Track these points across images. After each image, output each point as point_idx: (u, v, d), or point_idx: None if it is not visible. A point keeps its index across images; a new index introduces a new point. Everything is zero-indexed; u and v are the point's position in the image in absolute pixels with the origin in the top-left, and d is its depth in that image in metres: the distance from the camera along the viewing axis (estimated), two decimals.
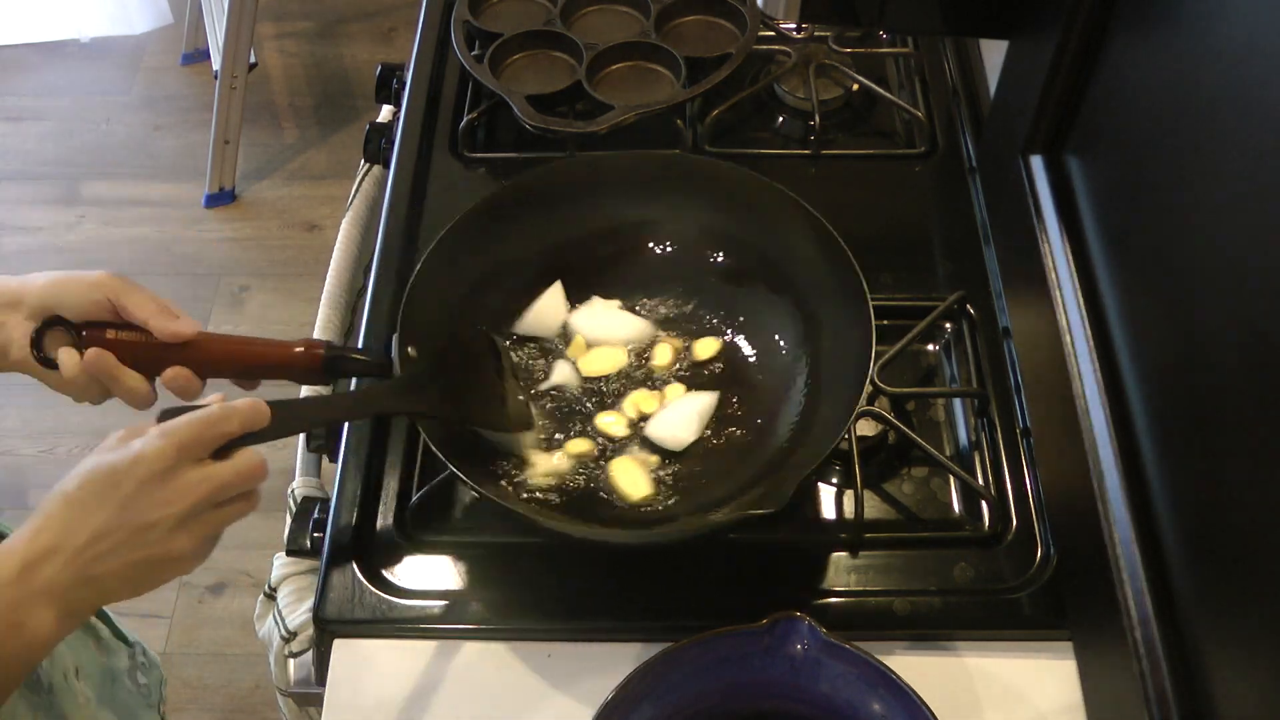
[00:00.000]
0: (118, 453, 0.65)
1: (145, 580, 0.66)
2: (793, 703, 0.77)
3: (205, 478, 0.66)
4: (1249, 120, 0.62)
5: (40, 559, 0.62)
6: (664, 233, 1.01)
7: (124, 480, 0.64)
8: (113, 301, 0.76)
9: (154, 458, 0.64)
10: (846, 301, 0.90)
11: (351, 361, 0.84)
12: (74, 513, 0.63)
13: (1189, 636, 0.67)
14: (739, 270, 0.99)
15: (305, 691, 0.96)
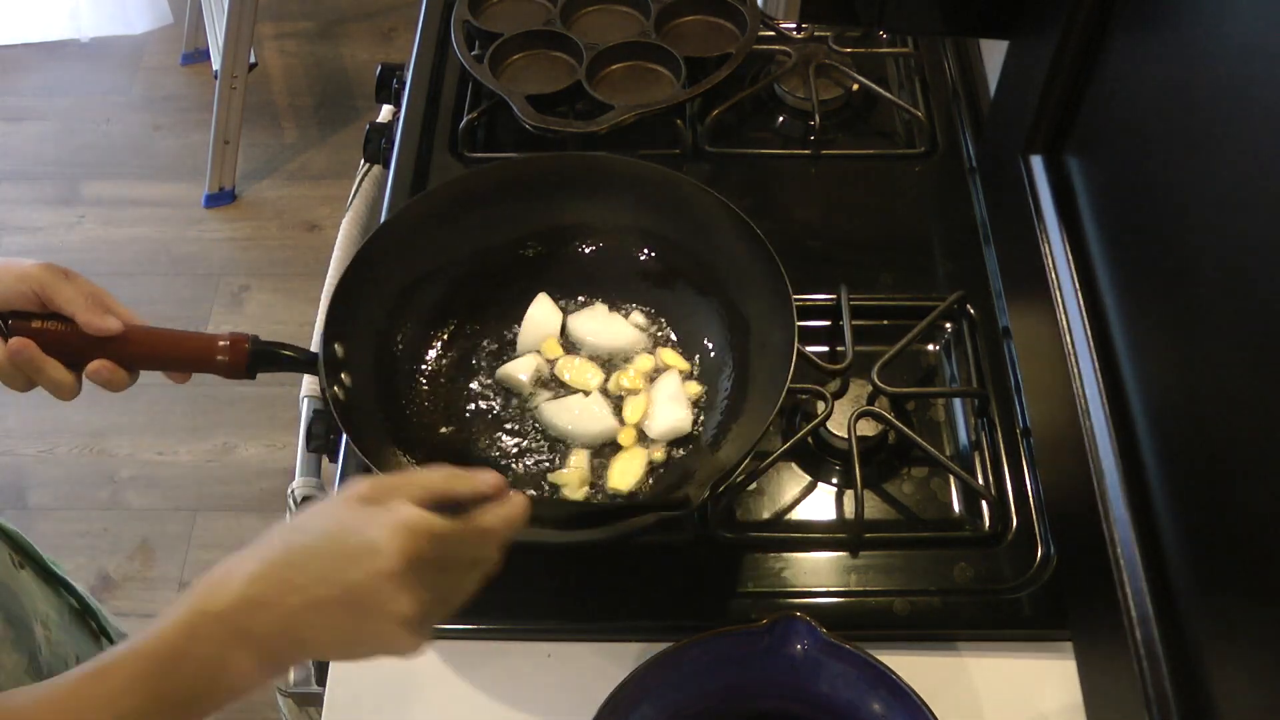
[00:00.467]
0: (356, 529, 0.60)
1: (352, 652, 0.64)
2: (793, 703, 0.77)
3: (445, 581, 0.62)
4: (1249, 120, 0.62)
5: (255, 606, 0.59)
6: (593, 234, 1.01)
7: (355, 567, 0.59)
8: (38, 293, 0.76)
9: (393, 555, 0.59)
10: (771, 301, 0.90)
11: (278, 357, 0.84)
12: (295, 575, 0.60)
13: (1189, 636, 0.67)
14: (667, 270, 0.99)
15: (305, 691, 0.96)
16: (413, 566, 0.60)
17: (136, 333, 0.79)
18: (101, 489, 1.99)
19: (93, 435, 2.06)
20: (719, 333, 0.96)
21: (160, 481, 2.00)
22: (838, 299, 1.00)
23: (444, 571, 0.62)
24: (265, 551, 0.61)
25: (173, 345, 0.81)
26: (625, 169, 0.99)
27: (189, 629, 0.59)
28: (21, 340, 0.76)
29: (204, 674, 0.59)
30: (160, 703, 0.59)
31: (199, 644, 0.59)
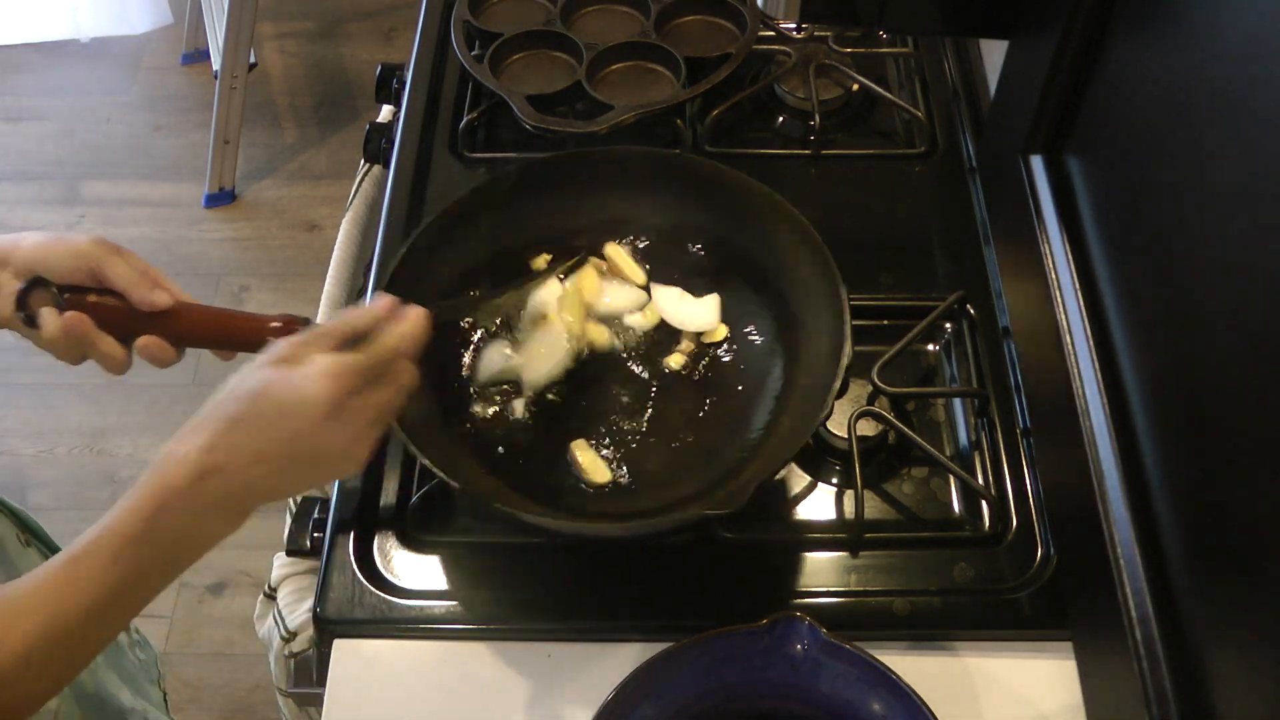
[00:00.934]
0: (286, 385, 0.68)
1: (312, 483, 0.75)
2: (793, 703, 0.77)
3: (370, 404, 0.70)
4: (1249, 120, 0.62)
5: (207, 474, 0.66)
6: (642, 229, 1.01)
7: (290, 418, 0.67)
8: (93, 269, 0.77)
9: (324, 403, 0.68)
10: (824, 304, 0.89)
11: None
12: (238, 439, 0.67)
13: (1189, 636, 0.67)
14: (717, 266, 0.99)
15: (305, 691, 0.96)
16: (341, 403, 0.68)
17: (188, 310, 0.80)
18: (101, 489, 1.99)
19: (93, 435, 2.05)
20: (769, 331, 0.95)
21: None
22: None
23: (370, 395, 0.70)
24: (208, 424, 0.68)
25: (224, 324, 0.82)
26: (676, 164, 1.00)
27: (156, 505, 0.66)
28: (76, 314, 0.77)
29: (179, 540, 0.67)
30: (141, 571, 0.67)
31: (170, 516, 0.66)
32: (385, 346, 0.73)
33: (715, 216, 0.99)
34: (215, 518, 0.68)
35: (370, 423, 0.71)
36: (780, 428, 0.89)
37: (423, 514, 0.92)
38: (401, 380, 0.74)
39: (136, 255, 0.79)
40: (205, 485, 0.67)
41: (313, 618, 0.87)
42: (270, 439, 0.67)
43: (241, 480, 0.67)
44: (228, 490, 0.67)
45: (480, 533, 0.92)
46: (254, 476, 0.68)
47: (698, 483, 0.88)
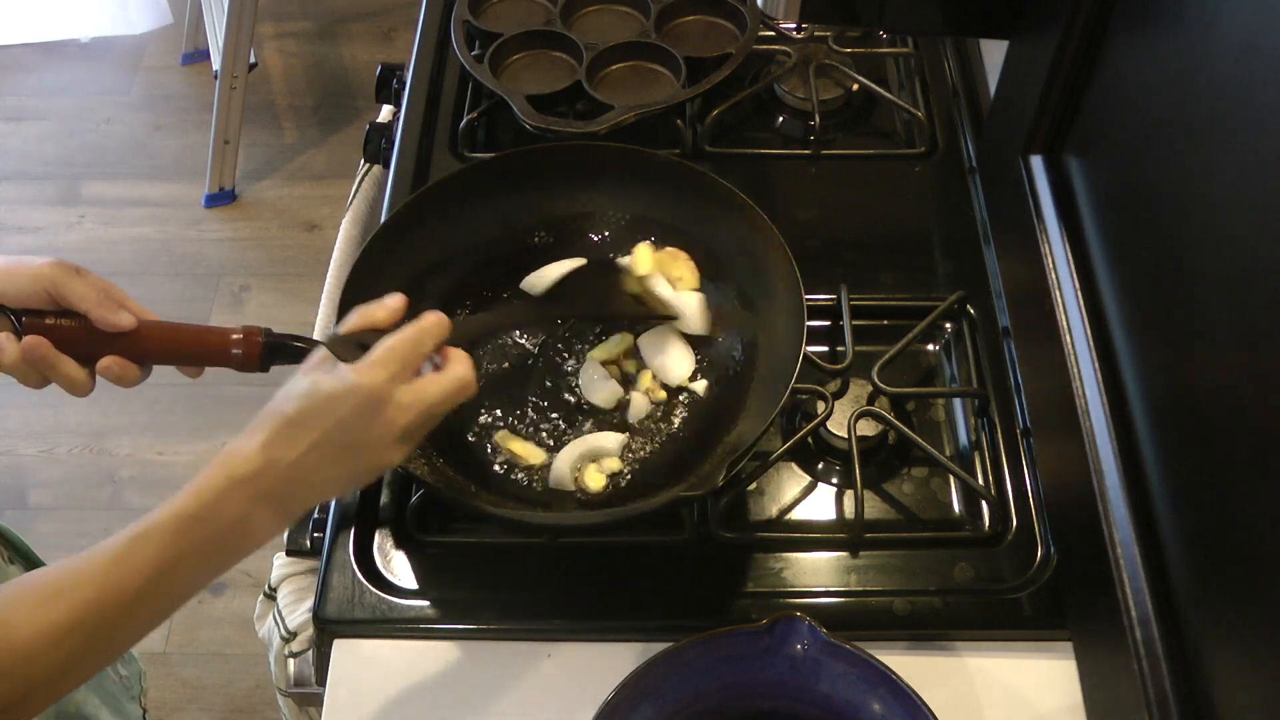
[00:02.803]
0: (333, 378, 0.70)
1: (357, 480, 0.76)
2: (793, 703, 0.77)
3: (417, 398, 0.72)
4: (1249, 120, 0.62)
5: (266, 468, 0.69)
6: (600, 223, 1.03)
7: (339, 405, 0.70)
8: (50, 292, 0.76)
9: (369, 388, 0.70)
10: (782, 290, 0.92)
11: (291, 349, 0.85)
12: (294, 431, 0.70)
13: (1189, 636, 0.67)
14: None
15: (305, 691, 0.96)
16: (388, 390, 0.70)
17: (149, 328, 0.79)
18: (101, 489, 1.99)
19: (93, 435, 2.05)
20: (731, 315, 0.97)
21: (160, 481, 2.00)
22: (838, 299, 1.00)
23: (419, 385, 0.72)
24: (267, 421, 0.70)
25: (185, 340, 0.82)
26: (633, 159, 1.01)
27: (218, 493, 0.68)
28: (35, 338, 0.76)
29: (233, 529, 0.69)
30: (195, 555, 0.69)
31: (227, 504, 0.68)
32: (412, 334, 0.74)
33: (670, 209, 1.01)
34: (270, 511, 0.70)
35: (419, 415, 0.72)
36: (747, 410, 0.92)
37: (422, 514, 0.92)
38: (455, 371, 0.74)
39: (96, 275, 0.78)
40: (264, 478, 0.69)
41: (313, 618, 0.87)
42: (323, 430, 0.70)
43: (298, 474, 0.70)
44: (285, 482, 0.70)
45: (480, 533, 0.92)
46: (308, 468, 0.70)
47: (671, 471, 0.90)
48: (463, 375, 0.75)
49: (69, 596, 0.65)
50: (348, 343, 0.74)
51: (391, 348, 0.72)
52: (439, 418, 0.75)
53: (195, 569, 0.70)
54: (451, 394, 0.74)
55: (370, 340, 0.74)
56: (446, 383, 0.74)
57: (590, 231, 1.03)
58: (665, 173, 1.01)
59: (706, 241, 0.99)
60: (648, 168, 1.01)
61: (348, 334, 0.75)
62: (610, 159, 1.02)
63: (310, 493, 0.72)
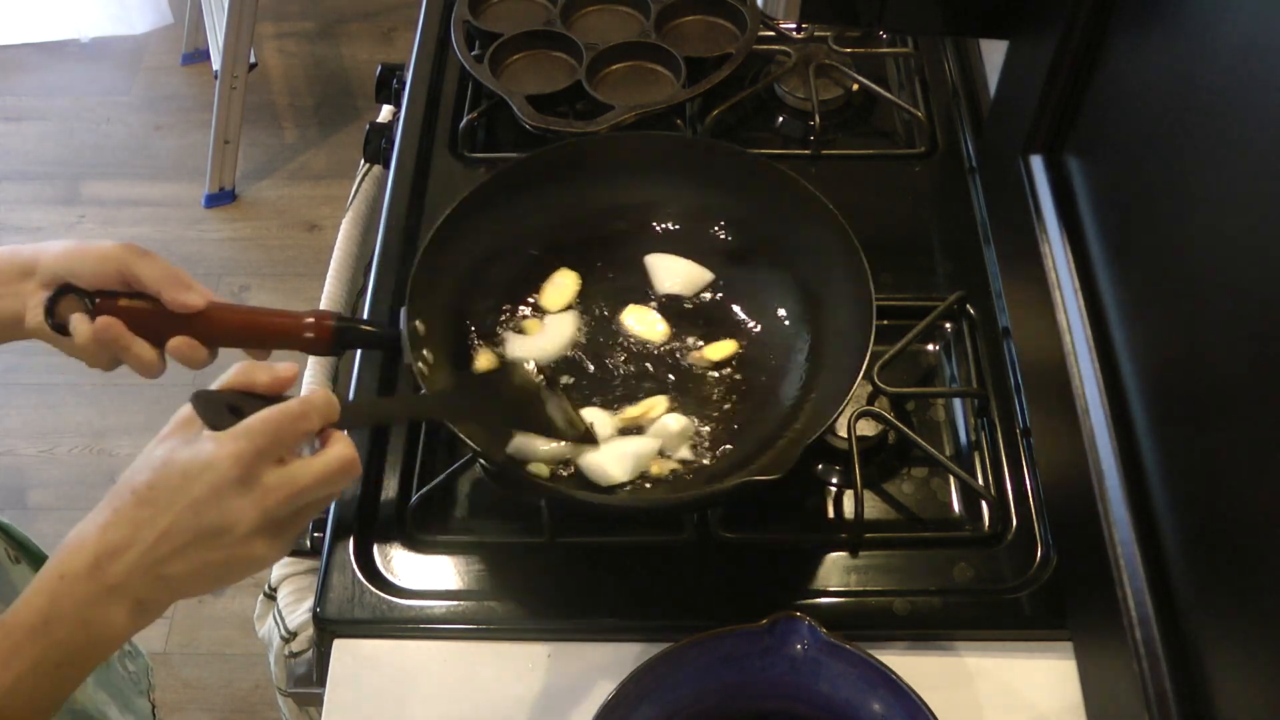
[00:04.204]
0: (190, 450, 0.62)
1: (220, 579, 0.64)
2: (793, 703, 0.77)
3: (287, 481, 0.63)
4: (1249, 120, 0.62)
5: (110, 556, 0.61)
6: (668, 212, 1.03)
7: (195, 483, 0.61)
8: (122, 273, 0.77)
9: (229, 463, 0.61)
10: (848, 277, 0.91)
11: (361, 333, 0.85)
12: (144, 512, 0.62)
13: (1189, 636, 0.67)
14: (742, 247, 1.01)
15: (305, 691, 0.96)
16: (251, 470, 0.61)
17: (219, 310, 0.80)
18: (101, 489, 1.98)
19: (93, 435, 2.05)
20: (793, 307, 0.97)
21: None
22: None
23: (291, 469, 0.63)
24: (113, 500, 0.63)
25: (256, 322, 0.82)
26: (701, 149, 1.02)
27: (51, 594, 0.61)
28: (108, 319, 0.77)
29: (78, 632, 0.61)
30: (42, 667, 0.61)
31: (66, 606, 0.61)
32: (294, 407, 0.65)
33: (737, 199, 1.00)
34: (119, 607, 0.62)
35: (288, 499, 0.63)
36: (812, 398, 0.91)
37: (423, 514, 0.92)
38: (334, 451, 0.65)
39: (163, 259, 0.79)
40: (107, 568, 0.61)
41: (313, 618, 0.87)
42: (175, 510, 0.61)
43: (146, 561, 0.61)
44: (129, 572, 0.61)
45: (480, 533, 0.92)
46: (160, 556, 0.62)
47: (735, 457, 0.89)
48: (342, 456, 0.65)
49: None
50: (215, 403, 0.65)
51: (265, 418, 0.63)
52: (316, 508, 0.66)
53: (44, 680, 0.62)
54: (328, 478, 0.65)
55: (241, 404, 0.65)
56: (321, 465, 0.64)
57: (655, 221, 1.03)
58: (732, 163, 1.00)
59: (773, 234, 0.99)
60: (714, 157, 1.01)
61: (216, 391, 0.67)
62: (681, 150, 1.02)
63: (169, 587, 0.63)
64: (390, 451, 0.95)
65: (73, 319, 0.77)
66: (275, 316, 0.82)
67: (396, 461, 0.95)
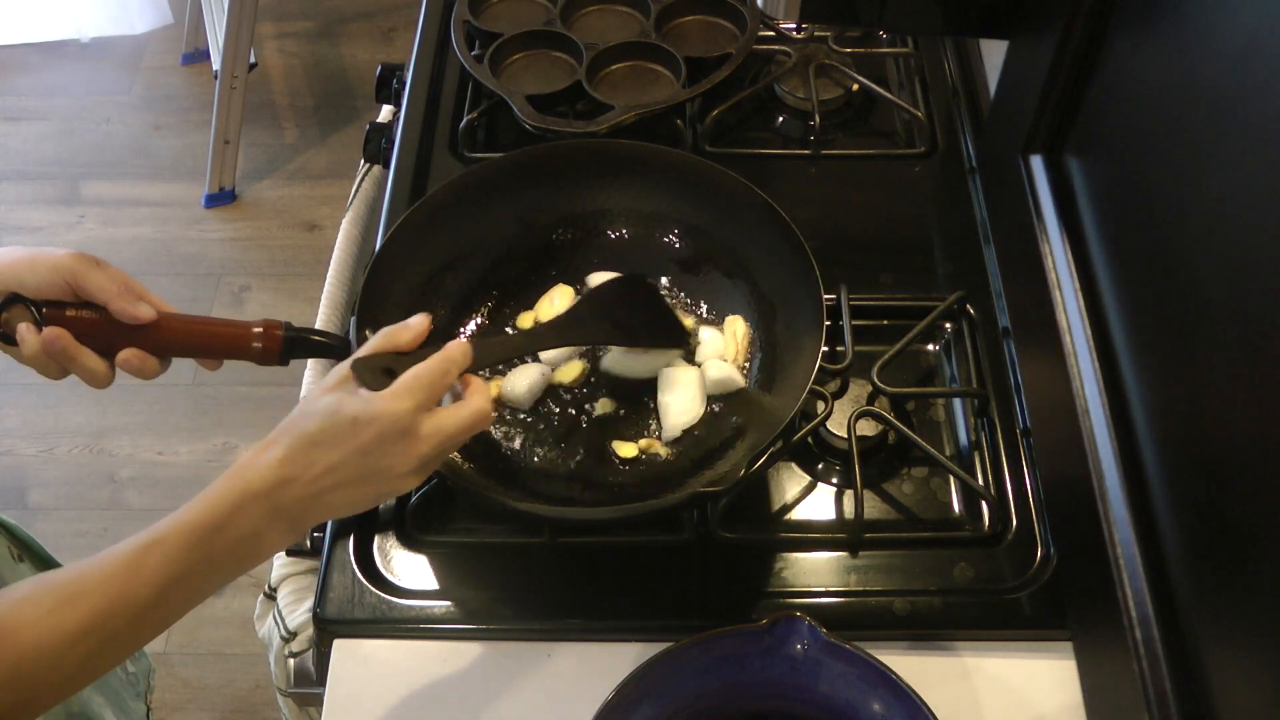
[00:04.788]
0: (358, 402, 0.70)
1: (368, 503, 0.74)
2: (793, 703, 0.77)
3: (437, 429, 0.72)
4: (1249, 120, 0.62)
5: (283, 484, 0.69)
6: (620, 219, 1.03)
7: (363, 431, 0.70)
8: (71, 284, 0.77)
9: (394, 417, 0.70)
10: (799, 286, 0.92)
11: (310, 343, 0.85)
12: (315, 452, 0.70)
13: (1189, 636, 0.67)
14: (694, 255, 1.01)
15: (305, 691, 0.96)
16: (412, 421, 0.71)
17: (169, 320, 0.80)
18: (101, 489, 1.99)
19: (93, 435, 2.05)
20: (747, 313, 0.97)
21: (160, 481, 2.00)
22: (838, 299, 1.00)
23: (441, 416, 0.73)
24: (286, 436, 0.71)
25: (205, 333, 0.82)
26: (654, 156, 1.01)
27: (233, 505, 0.69)
28: (55, 330, 0.77)
29: (244, 541, 0.70)
30: (203, 567, 0.69)
31: (242, 516, 0.69)
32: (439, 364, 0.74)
33: (691, 206, 1.01)
34: (283, 526, 0.71)
35: (438, 445, 0.72)
36: (764, 409, 0.91)
37: (423, 514, 0.92)
38: (474, 404, 0.74)
39: (115, 268, 0.78)
40: (280, 493, 0.69)
41: (313, 618, 0.87)
42: (343, 453, 0.70)
43: (312, 491, 0.70)
44: (299, 499, 0.70)
45: (480, 533, 0.92)
46: (324, 488, 0.70)
47: (687, 468, 0.90)
48: (481, 407, 0.75)
49: (79, 604, 0.65)
50: (371, 366, 0.74)
51: (418, 376, 0.72)
52: (456, 448, 0.75)
53: (205, 579, 0.70)
54: (470, 426, 0.74)
55: (394, 364, 0.74)
56: (466, 415, 0.74)
57: (609, 228, 1.03)
58: (686, 170, 1.00)
59: (725, 239, 0.99)
60: (668, 165, 1.01)
61: (371, 355, 0.75)
62: (631, 156, 1.02)
63: (323, 511, 0.72)
64: None
65: (19, 329, 0.76)
66: (224, 327, 0.82)
67: None
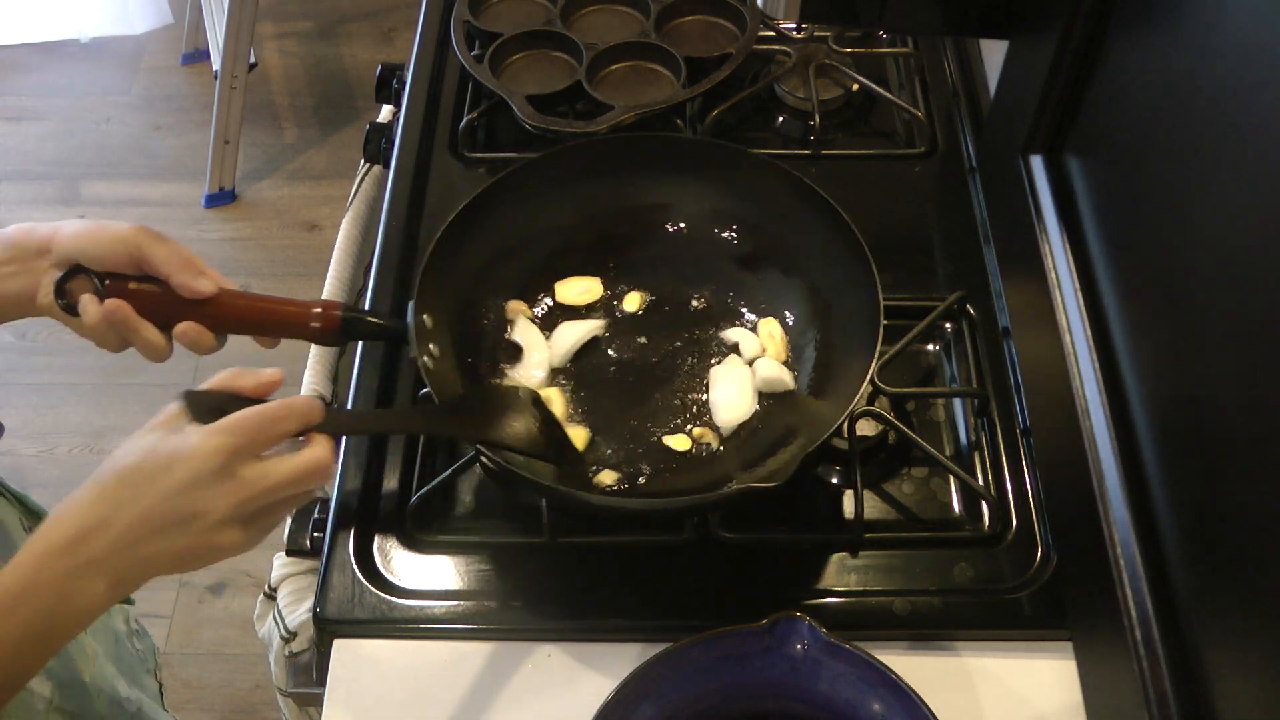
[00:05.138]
0: (175, 439, 0.66)
1: (192, 562, 0.68)
2: (793, 703, 0.77)
3: (261, 476, 0.67)
4: (1249, 120, 0.62)
5: (91, 531, 0.64)
6: (679, 214, 1.03)
7: (176, 470, 0.65)
8: (134, 256, 0.77)
9: (209, 454, 0.65)
10: (855, 283, 0.91)
11: (368, 325, 0.86)
12: (125, 492, 0.65)
13: (1189, 636, 0.67)
14: (752, 252, 1.01)
15: (305, 691, 0.96)
16: (229, 463, 0.65)
17: (229, 296, 0.80)
18: None
19: (93, 435, 2.05)
20: (802, 312, 0.97)
21: None
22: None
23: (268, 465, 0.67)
24: (98, 480, 0.66)
25: (264, 310, 0.83)
26: (713, 152, 1.02)
27: (33, 567, 0.64)
28: (117, 301, 0.77)
29: (58, 602, 0.64)
30: (22, 633, 0.64)
31: (43, 578, 0.64)
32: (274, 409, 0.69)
33: (748, 202, 1.00)
34: (95, 582, 0.65)
35: (260, 493, 0.67)
36: (818, 405, 0.91)
37: (423, 514, 0.92)
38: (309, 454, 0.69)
39: (178, 242, 0.79)
40: (86, 544, 0.64)
41: (313, 618, 0.87)
42: (154, 494, 0.65)
43: (125, 540, 0.65)
44: (110, 550, 0.65)
45: (480, 533, 0.92)
46: (137, 536, 0.65)
47: (737, 462, 0.89)
48: (317, 458, 0.69)
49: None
50: (203, 402, 0.69)
51: (245, 416, 0.67)
52: (288, 504, 0.70)
53: (21, 650, 0.65)
54: (300, 477, 0.68)
55: (228, 405, 0.69)
56: (295, 465, 0.68)
57: (667, 223, 1.03)
58: (748, 168, 1.00)
59: (784, 238, 0.98)
60: (731, 162, 1.00)
61: (205, 391, 0.71)
62: (693, 151, 1.02)
63: (143, 565, 0.66)
64: (390, 451, 0.95)
65: (82, 300, 0.77)
66: (283, 305, 0.83)
67: (396, 461, 0.95)
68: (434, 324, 0.90)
